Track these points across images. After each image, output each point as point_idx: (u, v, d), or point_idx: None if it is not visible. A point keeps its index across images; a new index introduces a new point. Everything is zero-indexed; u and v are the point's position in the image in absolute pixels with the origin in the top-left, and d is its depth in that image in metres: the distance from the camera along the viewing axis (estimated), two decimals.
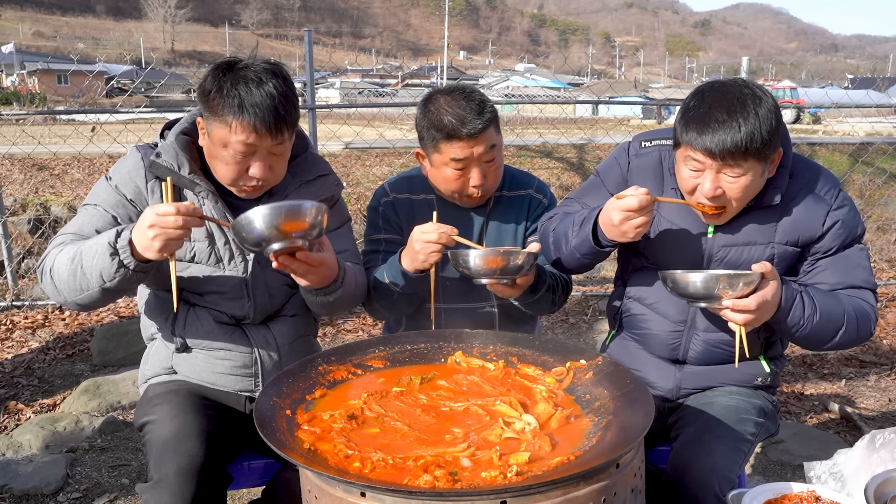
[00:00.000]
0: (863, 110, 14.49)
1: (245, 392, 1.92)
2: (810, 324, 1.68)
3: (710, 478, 1.64)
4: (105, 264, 1.59)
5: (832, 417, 3.45)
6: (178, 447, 1.63)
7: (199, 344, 1.89)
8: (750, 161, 1.62)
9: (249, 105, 1.64)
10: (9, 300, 4.91)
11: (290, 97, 1.71)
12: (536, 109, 16.50)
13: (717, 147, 1.60)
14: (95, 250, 1.60)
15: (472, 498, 1.14)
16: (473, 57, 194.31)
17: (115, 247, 1.58)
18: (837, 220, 1.76)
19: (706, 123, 1.61)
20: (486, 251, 1.77)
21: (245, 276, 1.85)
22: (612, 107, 25.24)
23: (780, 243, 1.77)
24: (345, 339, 4.43)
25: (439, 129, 1.90)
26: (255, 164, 1.71)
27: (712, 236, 1.81)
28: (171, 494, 1.57)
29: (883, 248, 6.61)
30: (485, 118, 1.89)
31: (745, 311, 1.60)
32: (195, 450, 1.63)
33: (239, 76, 1.67)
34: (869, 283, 1.80)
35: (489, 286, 1.84)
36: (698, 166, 1.67)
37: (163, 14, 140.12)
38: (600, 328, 4.64)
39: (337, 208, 2.02)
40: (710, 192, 1.66)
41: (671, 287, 1.66)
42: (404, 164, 7.59)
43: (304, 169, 1.93)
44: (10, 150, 6.25)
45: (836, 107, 6.21)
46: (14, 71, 43.16)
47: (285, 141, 1.73)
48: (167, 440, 1.65)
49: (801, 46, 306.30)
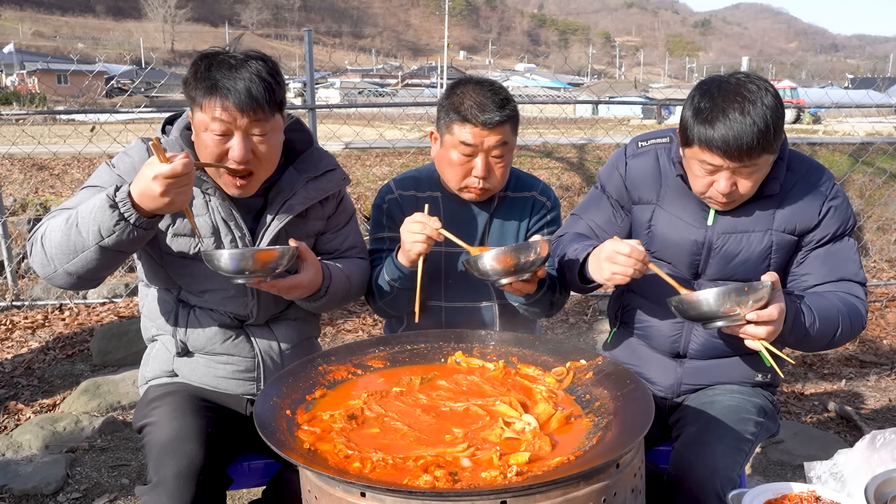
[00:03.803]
0: (863, 110, 14.52)
1: (247, 395, 1.92)
2: (813, 331, 1.69)
3: (711, 477, 1.65)
4: (104, 217, 1.51)
5: (832, 417, 3.45)
6: (178, 449, 1.62)
7: (201, 348, 1.87)
8: (764, 156, 1.65)
9: (221, 85, 1.64)
10: (9, 300, 4.91)
11: (267, 77, 1.68)
12: (536, 109, 16.49)
13: (736, 150, 1.61)
14: (93, 205, 1.54)
15: (472, 498, 1.14)
16: (473, 57, 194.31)
17: (114, 199, 1.51)
18: (832, 207, 1.79)
19: (724, 126, 1.61)
20: (500, 250, 1.71)
21: None
22: (613, 107, 25.24)
23: (779, 231, 1.80)
24: (345, 339, 4.43)
25: (457, 111, 1.92)
26: (234, 144, 1.67)
27: (712, 224, 1.82)
28: (169, 497, 1.56)
29: (883, 248, 6.61)
30: (504, 113, 1.91)
31: (768, 323, 1.56)
32: (194, 452, 1.62)
33: (215, 62, 1.68)
34: (858, 276, 1.82)
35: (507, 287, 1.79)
36: (713, 168, 1.68)
37: (163, 14, 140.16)
38: (600, 328, 4.64)
39: (343, 204, 2.02)
40: (726, 189, 1.68)
41: (681, 311, 1.60)
42: (404, 164, 7.59)
43: (310, 165, 1.91)
44: (10, 150, 6.25)
45: (836, 107, 6.21)
46: (14, 71, 43.12)
47: (262, 120, 1.68)
48: (166, 442, 1.64)
49: (801, 46, 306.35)
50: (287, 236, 1.85)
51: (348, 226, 2.03)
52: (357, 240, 2.05)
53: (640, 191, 1.92)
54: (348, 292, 1.93)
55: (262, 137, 1.70)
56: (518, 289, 1.82)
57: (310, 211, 1.91)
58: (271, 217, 1.83)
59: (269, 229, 1.82)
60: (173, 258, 1.82)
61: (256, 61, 1.69)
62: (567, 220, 2.10)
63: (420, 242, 1.82)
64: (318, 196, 1.89)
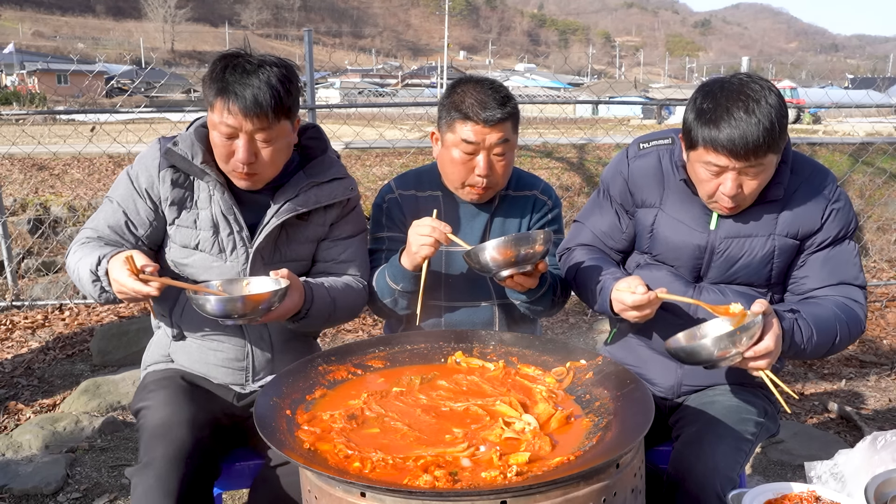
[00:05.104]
0: (863, 110, 14.53)
1: (235, 385, 1.95)
2: (811, 345, 1.69)
3: (711, 478, 1.64)
4: (89, 288, 1.72)
5: (832, 417, 3.45)
6: (167, 433, 1.67)
7: (195, 333, 1.93)
8: (769, 156, 1.64)
9: (230, 90, 1.69)
10: (9, 300, 4.90)
11: (276, 84, 1.71)
12: (536, 109, 16.49)
13: (742, 149, 1.60)
14: (83, 272, 1.71)
15: (472, 498, 1.14)
16: (473, 57, 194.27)
17: (96, 274, 1.68)
18: (834, 210, 1.78)
19: (729, 125, 1.60)
20: (500, 241, 1.71)
21: (245, 266, 1.87)
22: (613, 107, 25.24)
23: (781, 235, 1.79)
24: (345, 339, 4.43)
25: (458, 109, 1.93)
26: (239, 147, 1.73)
27: (715, 229, 1.82)
28: (157, 478, 1.60)
29: (883, 248, 6.61)
30: (505, 111, 1.92)
31: (765, 355, 1.56)
32: (183, 437, 1.67)
33: (231, 64, 1.72)
34: (858, 279, 1.81)
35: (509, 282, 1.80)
36: (718, 169, 1.67)
37: (163, 14, 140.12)
38: (600, 328, 4.64)
39: (352, 216, 2.01)
40: (732, 191, 1.67)
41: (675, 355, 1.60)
42: (404, 164, 7.59)
43: (319, 171, 1.94)
44: (10, 150, 6.25)
45: (836, 107, 6.20)
46: (14, 71, 43.13)
47: (268, 128, 1.72)
48: (157, 426, 1.70)
49: (801, 46, 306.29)
50: (287, 237, 1.90)
51: (351, 239, 2.01)
52: (357, 256, 2.01)
53: (643, 193, 1.91)
54: (332, 315, 1.90)
55: (266, 143, 1.74)
56: (519, 282, 1.81)
57: (312, 215, 1.92)
58: (271, 215, 1.86)
59: (267, 227, 1.85)
60: (177, 247, 1.89)
61: (271, 67, 1.72)
62: (571, 230, 2.10)
63: (428, 246, 1.82)
64: (323, 201, 1.91)
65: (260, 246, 1.86)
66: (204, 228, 1.85)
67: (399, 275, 1.93)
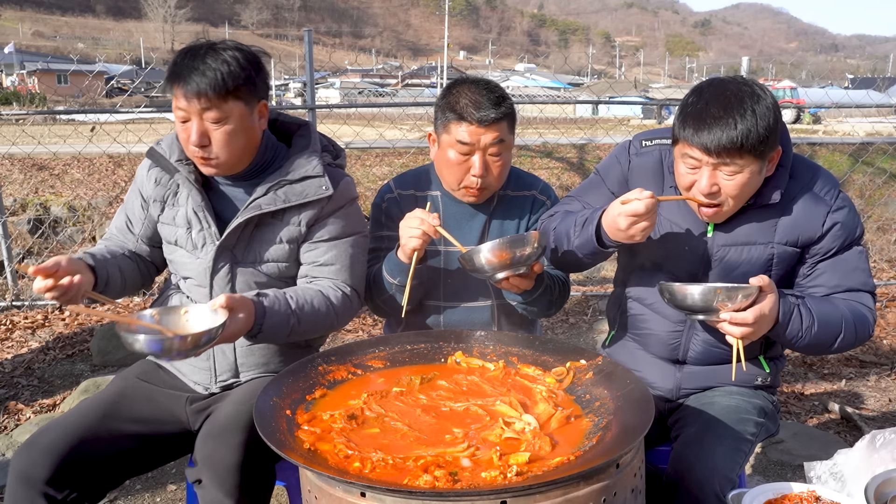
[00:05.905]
0: (863, 110, 14.52)
1: (201, 385, 1.93)
2: (809, 335, 1.68)
3: (710, 478, 1.64)
4: None
5: (832, 417, 3.45)
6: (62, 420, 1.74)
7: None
8: (746, 158, 1.61)
9: (177, 72, 1.72)
10: (9, 300, 4.91)
11: (221, 66, 1.70)
12: (536, 109, 16.51)
13: (713, 144, 1.59)
14: None
15: (472, 498, 1.14)
16: (473, 57, 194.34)
17: None
18: (837, 221, 1.75)
19: (702, 120, 1.61)
20: (495, 243, 1.69)
21: (208, 264, 1.86)
22: (612, 107, 25.24)
23: (780, 243, 1.77)
24: (345, 339, 4.43)
25: (453, 110, 1.93)
26: (191, 129, 1.75)
27: (712, 235, 1.80)
28: (42, 454, 1.65)
29: (883, 248, 6.61)
30: (500, 111, 1.92)
31: (742, 325, 1.59)
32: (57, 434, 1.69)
33: (186, 51, 1.75)
34: (867, 285, 1.79)
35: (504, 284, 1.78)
36: (695, 163, 1.66)
37: (163, 14, 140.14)
38: (600, 328, 4.64)
39: (336, 218, 1.91)
40: (706, 188, 1.65)
41: (668, 299, 1.64)
42: (404, 164, 7.60)
43: (292, 168, 1.87)
44: (10, 150, 6.25)
45: (836, 107, 6.20)
46: (14, 71, 43.13)
47: (214, 107, 1.71)
48: (65, 415, 1.77)
49: (801, 46, 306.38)
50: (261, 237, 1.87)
51: (334, 242, 1.90)
52: (339, 260, 1.91)
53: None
54: (295, 329, 1.79)
55: (216, 123, 1.75)
56: (515, 284, 1.80)
57: (286, 214, 1.86)
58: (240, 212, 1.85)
59: (232, 223, 1.84)
60: (165, 244, 1.96)
61: (224, 51, 1.74)
62: (562, 200, 2.05)
63: (416, 238, 1.82)
64: (292, 200, 1.84)
65: (228, 243, 1.84)
66: (181, 225, 1.90)
67: (395, 268, 1.93)
